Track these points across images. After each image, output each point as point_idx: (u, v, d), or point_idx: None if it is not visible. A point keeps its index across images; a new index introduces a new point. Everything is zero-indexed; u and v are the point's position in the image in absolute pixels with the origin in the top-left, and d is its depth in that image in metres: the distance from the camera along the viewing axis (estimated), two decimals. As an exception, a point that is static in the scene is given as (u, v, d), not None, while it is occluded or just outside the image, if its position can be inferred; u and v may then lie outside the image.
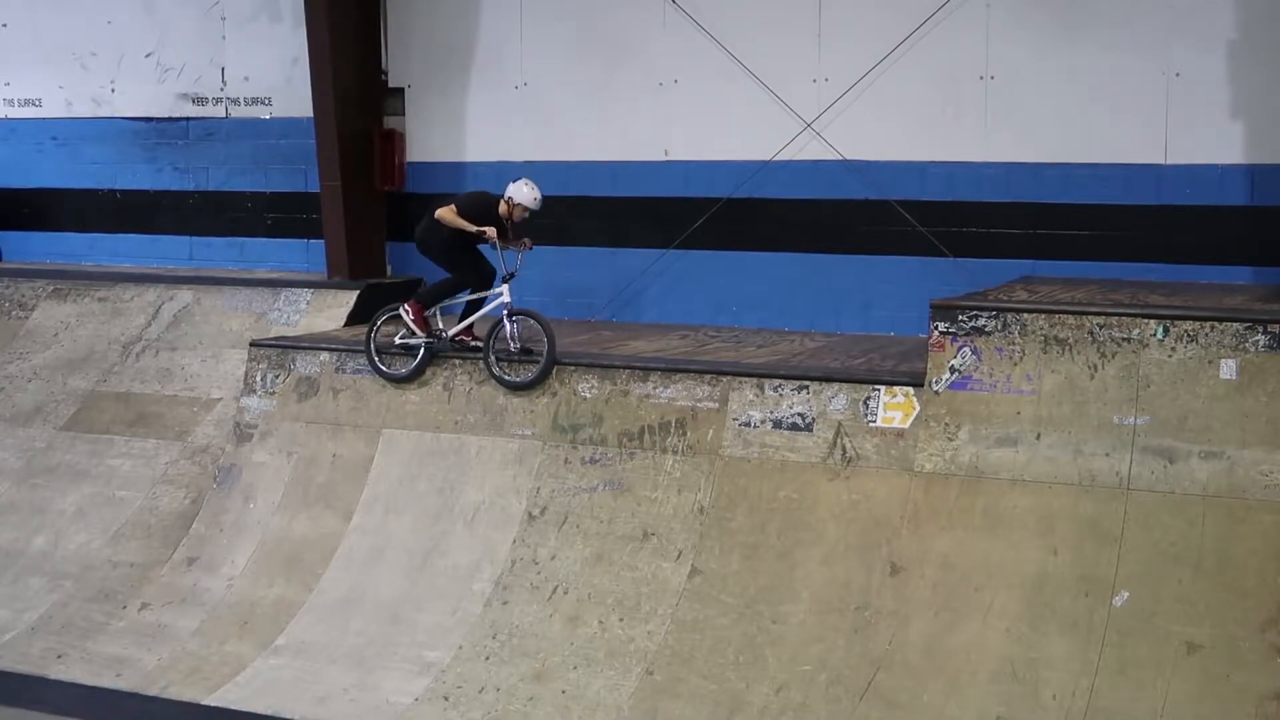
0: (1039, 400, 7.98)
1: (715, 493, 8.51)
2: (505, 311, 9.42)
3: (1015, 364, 8.08)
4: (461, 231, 9.55)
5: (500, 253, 9.50)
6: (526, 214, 9.66)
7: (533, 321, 9.36)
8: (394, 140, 12.28)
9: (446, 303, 9.85)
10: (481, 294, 9.78)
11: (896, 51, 10.64)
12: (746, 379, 8.79)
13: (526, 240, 9.67)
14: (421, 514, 9.12)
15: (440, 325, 9.77)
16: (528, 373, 9.28)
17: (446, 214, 9.60)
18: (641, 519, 8.57)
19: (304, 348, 10.20)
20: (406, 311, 9.72)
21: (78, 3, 13.71)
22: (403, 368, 9.68)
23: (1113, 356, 7.88)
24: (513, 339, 9.39)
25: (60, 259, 13.75)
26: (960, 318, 8.24)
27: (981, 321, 8.20)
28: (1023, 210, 10.48)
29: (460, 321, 9.76)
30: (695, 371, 8.94)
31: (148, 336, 11.70)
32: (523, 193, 9.57)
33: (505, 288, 9.47)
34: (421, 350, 9.64)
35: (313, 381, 9.99)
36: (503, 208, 9.63)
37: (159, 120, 13.48)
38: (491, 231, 9.45)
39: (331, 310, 11.48)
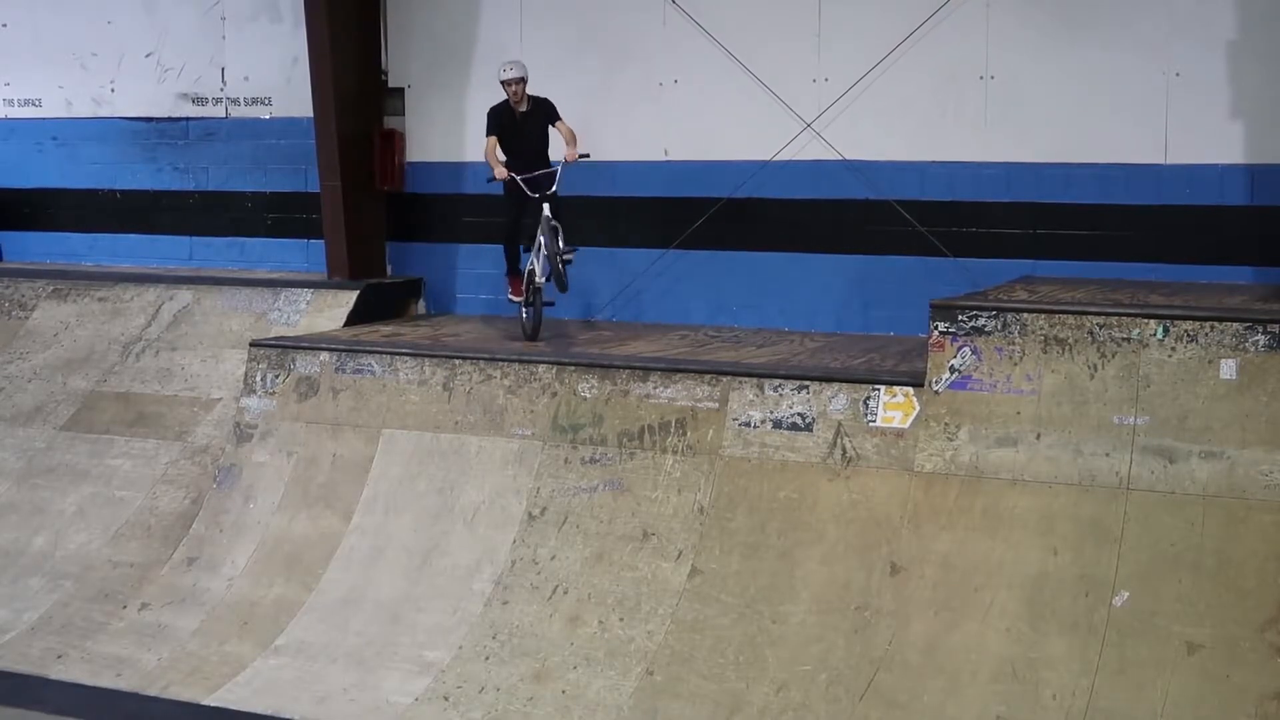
0: (1039, 400, 7.98)
1: (715, 493, 8.51)
2: (542, 228, 9.94)
3: (1015, 364, 8.08)
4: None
5: (521, 182, 9.96)
6: (515, 87, 10.08)
7: (548, 233, 9.88)
8: (394, 140, 12.28)
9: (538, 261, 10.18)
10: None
11: (896, 51, 10.64)
12: (746, 379, 8.79)
13: (575, 153, 10.07)
14: (421, 514, 9.12)
15: (538, 278, 10.20)
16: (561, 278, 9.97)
17: (487, 154, 10.11)
18: (641, 519, 8.57)
19: (304, 348, 10.20)
20: (508, 288, 10.45)
21: (78, 3, 13.71)
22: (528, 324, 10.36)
23: (1113, 356, 7.88)
24: (549, 249, 9.92)
25: (60, 259, 13.75)
26: (960, 318, 8.24)
27: (981, 321, 8.20)
28: (1023, 210, 10.48)
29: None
30: (695, 371, 8.94)
31: (148, 336, 11.70)
32: (501, 74, 10.11)
33: (545, 206, 9.95)
34: (526, 309, 10.33)
35: (313, 381, 9.99)
36: (510, 101, 10.18)
37: (159, 120, 13.49)
38: (501, 172, 9.89)
39: (332, 310, 11.48)
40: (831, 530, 8.11)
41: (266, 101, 12.99)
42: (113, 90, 13.66)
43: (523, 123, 10.24)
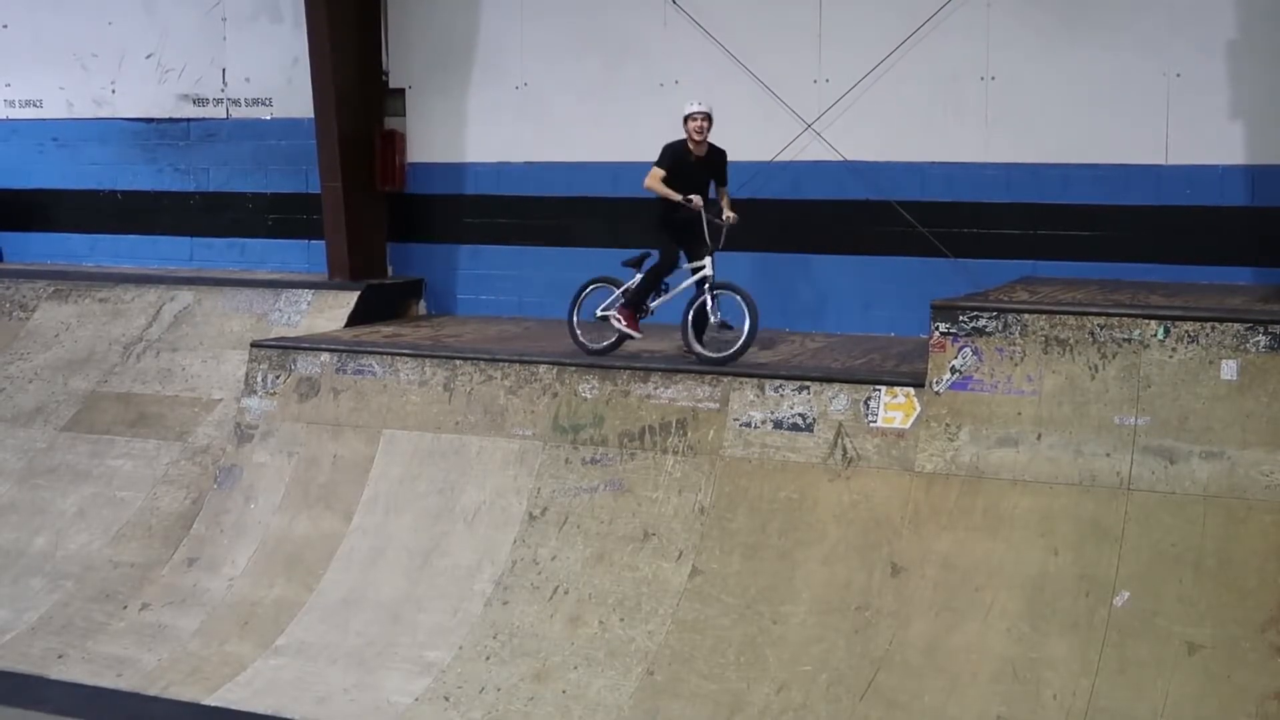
0: (1039, 400, 7.99)
1: (716, 493, 8.51)
2: (708, 286, 9.14)
3: (1016, 364, 8.08)
4: (668, 202, 9.28)
5: (705, 223, 9.20)
6: (700, 122, 9.25)
7: (736, 295, 9.05)
8: (394, 141, 12.29)
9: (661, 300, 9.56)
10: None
11: (897, 52, 10.64)
12: (747, 379, 8.79)
13: (731, 214, 9.30)
14: (422, 514, 9.12)
15: (650, 311, 9.54)
16: (729, 346, 8.97)
17: (653, 181, 9.31)
18: (642, 519, 8.57)
19: (305, 348, 10.20)
20: (619, 320, 9.43)
21: (78, 3, 13.72)
22: (598, 342, 9.56)
23: (1113, 357, 7.89)
24: (714, 313, 9.06)
25: (61, 259, 13.77)
26: (961, 318, 8.25)
27: (982, 322, 8.20)
28: (1023, 210, 10.48)
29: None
30: (695, 372, 8.95)
31: (148, 337, 11.71)
32: (687, 107, 9.30)
33: (708, 261, 9.20)
34: (617, 337, 9.50)
35: (313, 382, 9.99)
36: (688, 141, 9.34)
37: (159, 121, 13.50)
38: (696, 200, 9.14)
39: (332, 311, 11.49)
40: (832, 530, 8.12)
41: (267, 102, 13.00)
42: (113, 91, 13.67)
43: (696, 169, 9.38)
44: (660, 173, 9.29)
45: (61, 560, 9.78)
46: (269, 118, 13.01)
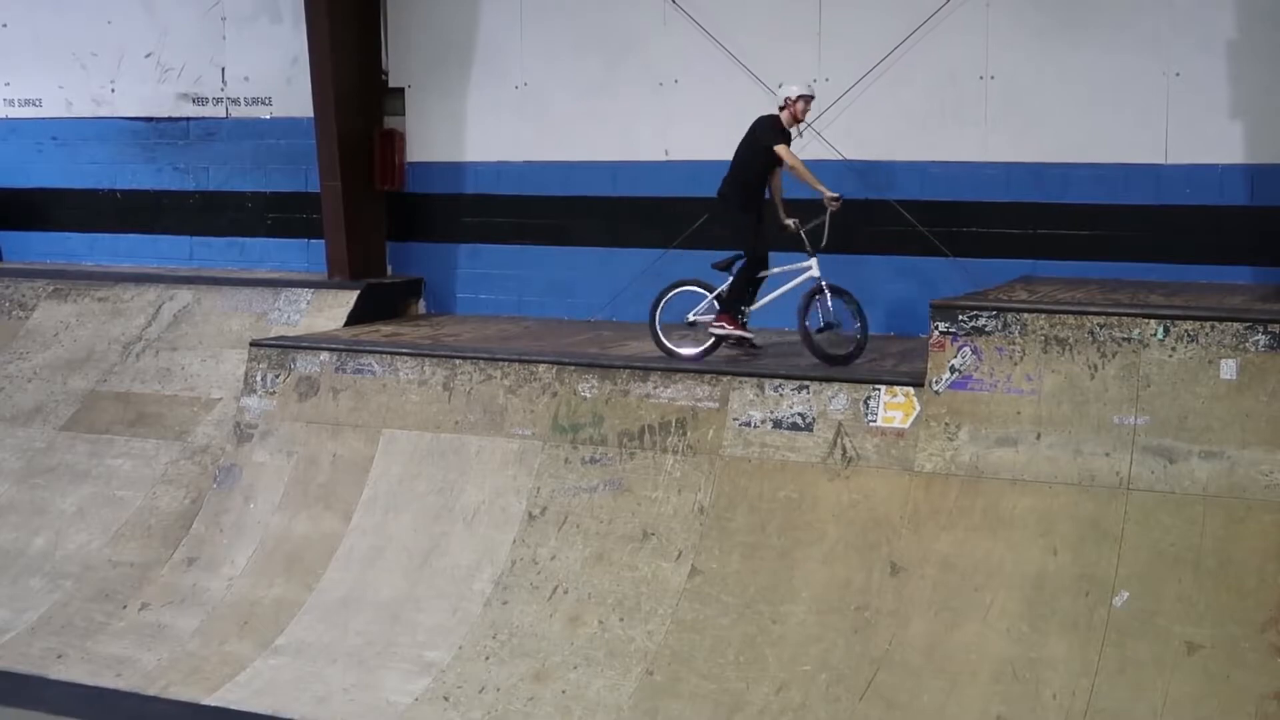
0: (1039, 400, 7.98)
1: (715, 492, 8.51)
2: (823, 285, 9.11)
3: (1015, 364, 8.08)
4: (755, 192, 9.30)
5: (806, 226, 9.22)
6: (807, 105, 9.30)
7: (844, 301, 9.12)
8: (394, 140, 12.28)
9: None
10: (765, 272, 9.50)
11: (896, 52, 10.64)
12: (746, 379, 8.79)
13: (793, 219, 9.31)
14: (421, 514, 9.12)
15: (746, 317, 9.49)
16: (846, 347, 8.99)
17: (796, 161, 9.11)
18: (641, 519, 8.57)
19: (304, 347, 10.20)
20: (722, 327, 9.35)
21: (78, 3, 13.71)
22: (691, 348, 9.41)
23: (1113, 356, 7.89)
24: (828, 313, 9.07)
25: (60, 259, 13.76)
26: (960, 317, 8.25)
27: (982, 321, 8.20)
28: (1023, 210, 10.48)
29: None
30: (695, 371, 8.95)
31: (148, 336, 11.70)
32: (796, 89, 9.22)
33: (814, 261, 9.21)
34: (713, 341, 9.38)
35: (313, 381, 9.99)
36: (785, 117, 9.26)
37: (159, 120, 13.49)
38: (836, 201, 9.10)
39: (332, 310, 11.49)
40: (832, 530, 8.12)
41: (267, 101, 13.00)
42: (113, 90, 13.67)
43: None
44: (786, 145, 9.16)
45: (61, 560, 9.77)
46: (268, 117, 13.01)
